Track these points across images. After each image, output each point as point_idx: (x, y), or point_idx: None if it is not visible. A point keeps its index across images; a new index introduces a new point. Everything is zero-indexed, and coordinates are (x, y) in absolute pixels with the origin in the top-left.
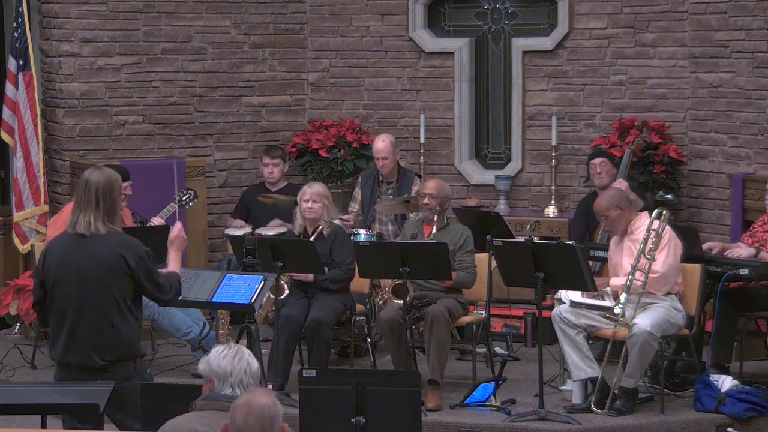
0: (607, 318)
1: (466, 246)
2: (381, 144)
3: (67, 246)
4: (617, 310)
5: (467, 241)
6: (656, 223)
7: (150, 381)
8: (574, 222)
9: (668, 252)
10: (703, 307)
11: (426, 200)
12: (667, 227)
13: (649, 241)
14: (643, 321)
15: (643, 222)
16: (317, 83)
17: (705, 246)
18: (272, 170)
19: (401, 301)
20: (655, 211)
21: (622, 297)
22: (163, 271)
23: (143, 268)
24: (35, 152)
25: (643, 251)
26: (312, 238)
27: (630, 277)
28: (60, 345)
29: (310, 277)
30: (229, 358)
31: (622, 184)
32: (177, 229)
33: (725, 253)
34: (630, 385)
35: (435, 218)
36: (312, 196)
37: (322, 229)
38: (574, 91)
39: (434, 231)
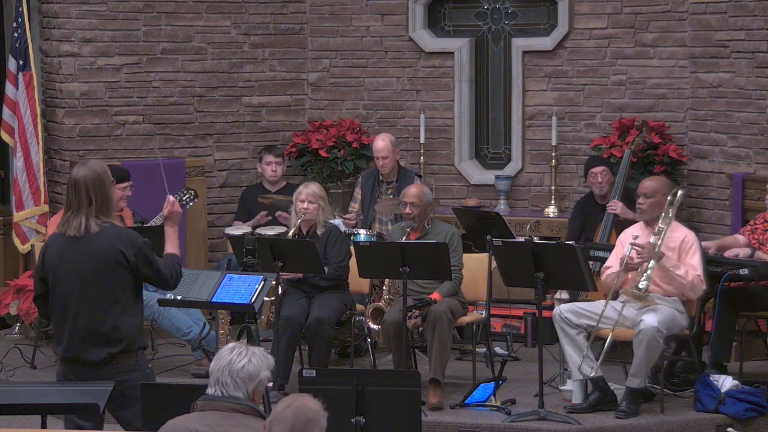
0: (632, 293)
1: (450, 246)
2: (381, 143)
3: (63, 245)
4: (642, 284)
5: (452, 241)
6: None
7: (152, 376)
8: (570, 222)
9: (699, 255)
10: (703, 307)
11: (407, 209)
12: (686, 230)
13: (661, 219)
14: (651, 318)
15: (677, 232)
16: (317, 83)
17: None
18: (275, 169)
19: (378, 326)
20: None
21: (649, 271)
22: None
23: (142, 259)
24: (35, 152)
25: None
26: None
27: (658, 246)
28: (63, 341)
29: (300, 274)
30: (215, 359)
31: (617, 205)
32: (170, 203)
33: (724, 253)
34: (635, 385)
35: (418, 225)
36: (308, 196)
37: (316, 229)
38: (574, 91)
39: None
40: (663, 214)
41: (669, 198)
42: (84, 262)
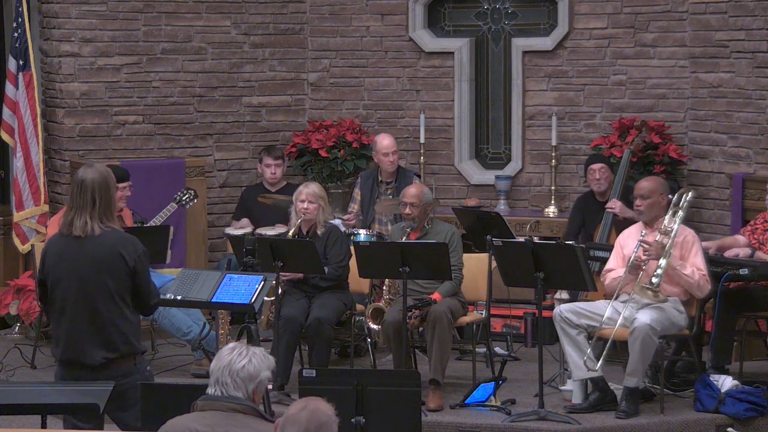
0: (644, 289)
1: (451, 245)
2: (389, 140)
3: (63, 246)
4: (654, 280)
5: (452, 240)
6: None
7: (150, 379)
8: (570, 219)
9: (702, 254)
10: (703, 307)
11: (407, 210)
12: (687, 229)
13: (668, 218)
14: (644, 316)
15: (685, 232)
16: (317, 83)
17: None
18: (275, 171)
19: (378, 326)
20: (680, 191)
21: (662, 262)
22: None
23: (140, 267)
24: (35, 152)
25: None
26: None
27: (668, 245)
28: (60, 343)
29: (300, 274)
30: (216, 359)
31: (616, 204)
32: None
33: (724, 254)
34: (633, 384)
35: (418, 225)
36: (308, 196)
37: (317, 229)
38: (574, 91)
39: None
40: (670, 213)
41: (675, 198)
42: (84, 263)
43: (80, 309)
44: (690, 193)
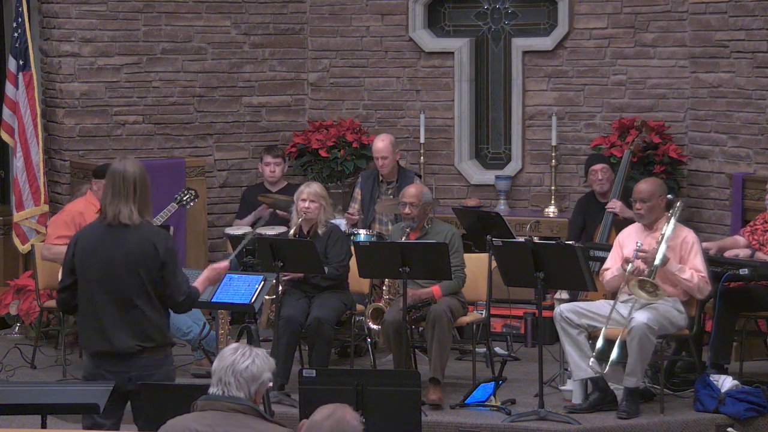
0: (641, 281)
1: (451, 246)
2: (381, 144)
3: (98, 236)
4: (655, 265)
5: (452, 241)
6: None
7: (173, 373)
8: (572, 220)
9: (701, 255)
10: (703, 307)
11: (407, 209)
12: (687, 230)
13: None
14: (641, 316)
15: (676, 232)
16: (317, 83)
17: (702, 246)
18: (274, 169)
19: (378, 326)
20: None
21: (657, 261)
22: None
23: (169, 260)
24: (35, 152)
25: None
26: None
27: (662, 247)
28: (90, 334)
29: (301, 274)
30: (218, 359)
31: (616, 204)
32: (223, 265)
33: (724, 254)
34: (632, 385)
35: (417, 225)
36: (309, 195)
37: (317, 228)
38: (574, 91)
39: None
40: (666, 224)
41: (670, 211)
42: (117, 255)
43: (114, 300)
44: (678, 203)
